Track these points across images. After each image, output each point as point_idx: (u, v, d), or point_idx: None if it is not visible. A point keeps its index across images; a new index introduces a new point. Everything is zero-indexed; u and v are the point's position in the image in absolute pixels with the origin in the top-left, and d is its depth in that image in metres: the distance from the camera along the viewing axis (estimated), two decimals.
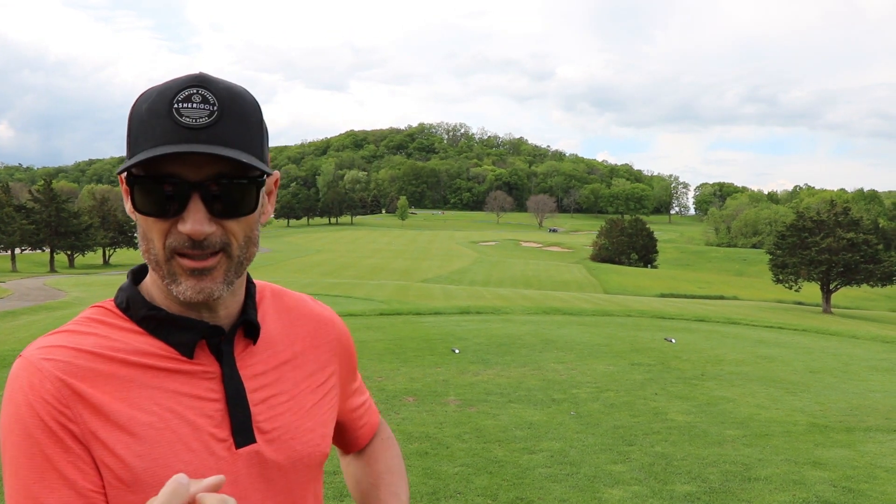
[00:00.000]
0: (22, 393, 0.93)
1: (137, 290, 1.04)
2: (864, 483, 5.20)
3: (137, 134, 0.95)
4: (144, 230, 0.97)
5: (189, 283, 0.97)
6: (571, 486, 5.06)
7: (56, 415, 0.92)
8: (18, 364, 0.95)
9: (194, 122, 0.92)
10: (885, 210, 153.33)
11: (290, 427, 1.07)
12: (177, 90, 0.94)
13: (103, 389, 0.95)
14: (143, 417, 0.95)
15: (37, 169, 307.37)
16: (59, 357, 0.94)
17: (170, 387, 0.98)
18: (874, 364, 10.72)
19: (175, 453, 0.95)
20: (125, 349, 0.98)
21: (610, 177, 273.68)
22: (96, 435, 0.93)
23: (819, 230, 48.89)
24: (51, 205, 70.41)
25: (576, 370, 9.47)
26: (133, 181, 0.95)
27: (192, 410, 0.99)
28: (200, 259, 0.96)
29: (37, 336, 9.03)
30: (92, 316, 1.03)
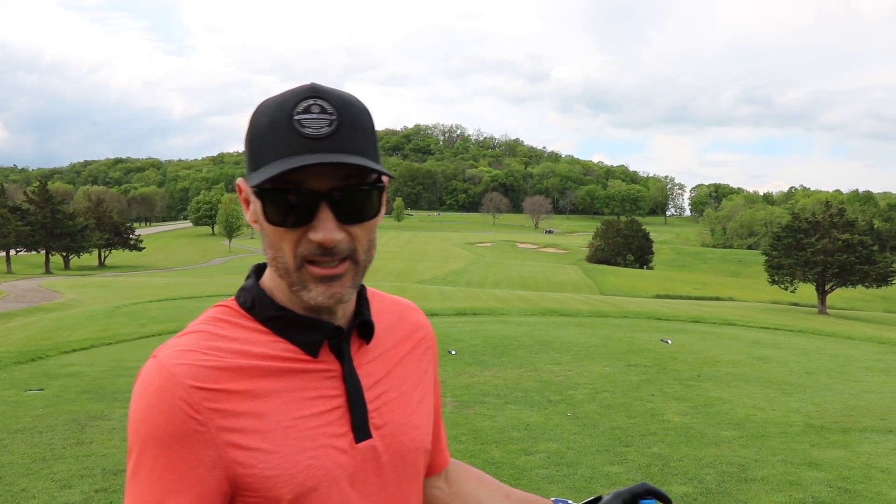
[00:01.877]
0: (154, 395, 0.95)
1: (263, 290, 1.07)
2: (859, 483, 5.21)
3: (260, 147, 0.98)
4: (273, 240, 1.00)
5: (319, 289, 1.00)
6: (568, 487, 5.06)
7: (186, 419, 0.94)
8: (151, 365, 0.98)
9: (316, 133, 0.95)
10: (881, 211, 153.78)
11: (399, 423, 1.11)
12: (295, 102, 0.96)
13: (233, 391, 0.97)
14: (272, 417, 0.98)
15: (32, 170, 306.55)
16: (190, 361, 0.97)
17: (296, 386, 1.02)
18: (869, 365, 10.74)
19: (303, 450, 0.99)
20: (253, 350, 1.01)
21: (606, 178, 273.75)
22: (227, 438, 0.95)
23: (814, 231, 48.99)
24: (46, 206, 70.26)
25: (572, 371, 9.48)
26: (263, 194, 0.97)
27: (316, 408, 1.02)
28: (331, 266, 0.99)
29: (32, 338, 9.01)
30: (217, 315, 1.05)
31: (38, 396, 7.77)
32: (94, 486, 4.91)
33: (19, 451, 5.73)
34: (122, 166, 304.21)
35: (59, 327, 17.95)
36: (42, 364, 9.93)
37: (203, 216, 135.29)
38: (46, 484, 4.96)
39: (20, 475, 5.15)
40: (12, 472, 5.20)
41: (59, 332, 16.90)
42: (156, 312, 19.03)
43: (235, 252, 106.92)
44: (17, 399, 7.65)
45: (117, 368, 9.43)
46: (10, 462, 5.44)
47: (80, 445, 5.88)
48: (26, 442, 5.98)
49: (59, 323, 18.98)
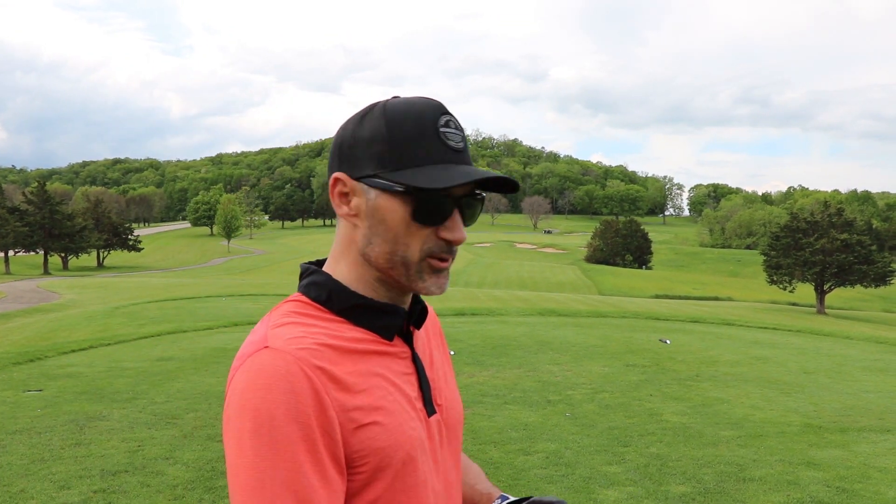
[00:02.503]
0: (284, 380, 0.97)
1: (340, 282, 1.13)
2: (857, 483, 5.22)
3: (406, 149, 1.06)
4: (399, 235, 1.07)
5: (433, 279, 1.10)
6: (567, 487, 5.07)
7: (319, 399, 0.99)
8: (270, 355, 1.00)
9: (457, 145, 1.08)
10: (879, 211, 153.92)
11: (449, 398, 1.23)
12: (436, 115, 1.08)
13: (347, 371, 1.04)
14: (378, 392, 1.06)
15: (30, 171, 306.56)
16: (307, 345, 1.02)
17: (386, 366, 1.10)
18: (868, 364, 10.75)
19: (406, 422, 1.07)
20: (343, 335, 1.08)
21: (604, 178, 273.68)
22: (347, 414, 1.01)
23: (813, 231, 49.06)
24: (44, 207, 70.22)
25: (571, 371, 9.48)
26: (417, 193, 1.05)
27: (404, 385, 1.12)
28: (447, 260, 1.11)
29: (30, 339, 8.98)
30: (294, 310, 1.10)
31: (37, 397, 7.77)
32: (92, 487, 4.91)
33: (18, 451, 5.73)
34: (121, 167, 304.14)
35: (58, 328, 17.94)
36: (41, 365, 9.93)
37: (202, 217, 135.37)
38: (45, 485, 4.96)
39: (19, 476, 5.15)
40: (11, 473, 5.20)
41: (57, 332, 16.89)
42: (155, 313, 19.03)
43: (234, 252, 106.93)
44: (15, 400, 7.65)
45: (116, 369, 9.43)
46: (8, 463, 5.44)
47: (79, 446, 5.88)
48: (25, 443, 5.98)
49: (58, 324, 18.97)
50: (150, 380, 8.71)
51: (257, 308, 20.04)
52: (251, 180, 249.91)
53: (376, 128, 1.07)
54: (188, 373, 9.18)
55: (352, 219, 1.10)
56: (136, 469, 5.31)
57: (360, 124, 1.10)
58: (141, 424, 6.59)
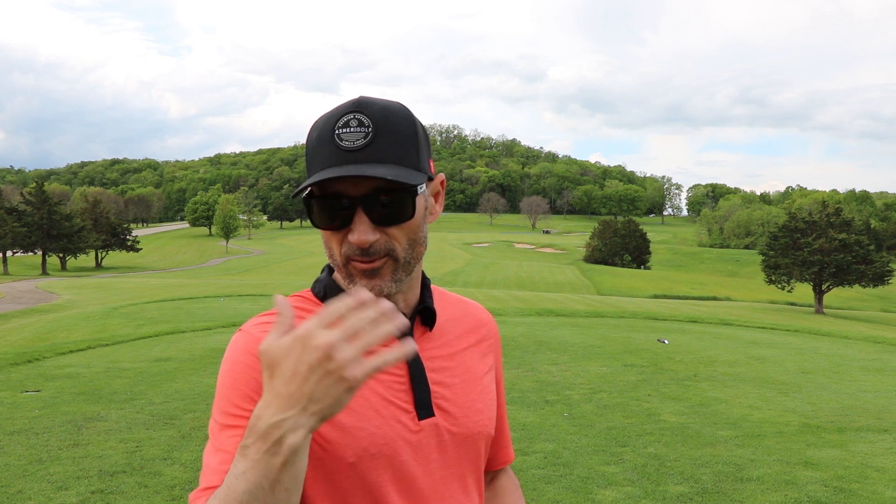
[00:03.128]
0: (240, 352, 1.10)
1: (334, 280, 1.20)
2: (855, 483, 5.22)
3: (310, 159, 1.12)
4: (325, 240, 1.14)
5: (363, 282, 1.11)
6: (565, 487, 5.07)
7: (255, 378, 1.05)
8: (238, 335, 1.13)
9: (352, 145, 1.07)
10: (877, 211, 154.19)
11: (463, 406, 1.20)
12: (338, 117, 1.09)
13: None
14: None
15: (28, 171, 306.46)
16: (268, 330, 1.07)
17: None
18: (865, 364, 10.76)
19: (368, 419, 1.09)
20: None
21: (603, 178, 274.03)
22: None
23: (811, 231, 49.10)
24: (42, 207, 70.20)
25: (569, 371, 9.49)
26: (309, 201, 1.10)
27: (381, 384, 1.13)
28: (368, 262, 1.10)
29: (29, 339, 9.01)
30: (295, 302, 1.18)
31: (35, 398, 7.77)
32: (90, 488, 4.91)
33: (15, 452, 5.73)
34: (119, 167, 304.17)
35: (56, 328, 17.93)
36: (38, 365, 9.92)
37: (200, 217, 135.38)
38: (43, 485, 4.96)
39: (16, 477, 5.14)
40: (8, 474, 5.20)
41: (55, 333, 16.88)
42: (153, 313, 19.02)
43: (233, 253, 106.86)
44: (13, 400, 7.64)
45: (114, 370, 9.43)
46: (6, 464, 5.44)
47: (77, 447, 5.88)
48: (23, 443, 5.97)
49: (56, 324, 18.96)
50: (148, 380, 8.70)
51: (255, 308, 20.02)
52: (249, 180, 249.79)
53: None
54: (186, 373, 9.17)
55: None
56: (133, 470, 5.31)
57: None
58: (139, 425, 6.58)
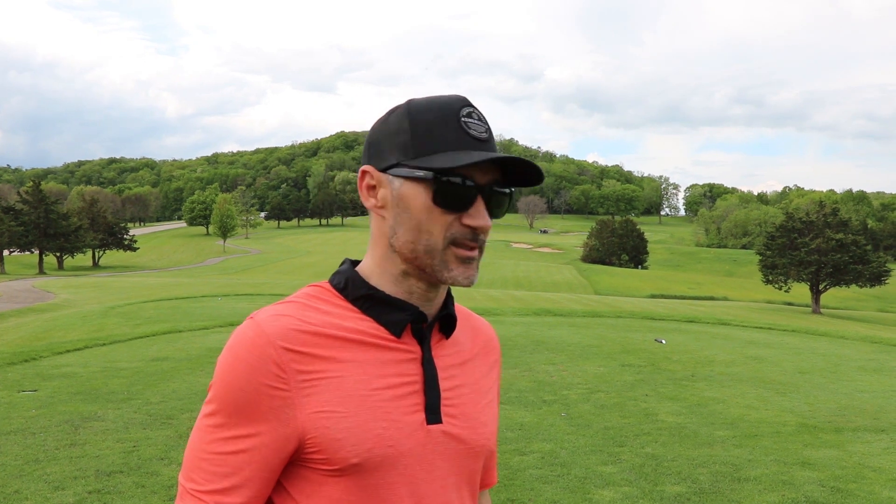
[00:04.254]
0: (245, 349, 1.04)
1: (357, 273, 1.15)
2: (852, 483, 5.23)
3: (428, 137, 1.08)
4: (422, 222, 1.08)
5: (459, 269, 1.10)
6: (562, 487, 5.07)
7: (271, 376, 1.02)
8: (247, 324, 1.07)
9: (479, 135, 1.09)
10: (874, 211, 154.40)
11: (470, 416, 1.18)
12: (459, 107, 1.10)
13: (318, 356, 1.05)
14: (351, 383, 1.06)
15: (25, 170, 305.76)
16: (284, 324, 1.05)
17: (378, 360, 1.09)
18: (863, 364, 10.78)
19: (376, 419, 1.05)
20: (342, 324, 1.09)
21: (600, 178, 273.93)
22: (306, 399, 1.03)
23: (808, 231, 49.17)
24: (40, 206, 70.03)
25: (567, 371, 9.49)
26: (440, 177, 1.06)
27: (394, 385, 1.09)
28: (473, 249, 1.10)
29: (26, 338, 8.98)
30: (311, 293, 1.14)
31: (32, 397, 7.75)
32: (87, 488, 4.90)
33: (12, 452, 5.71)
34: (116, 166, 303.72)
35: (53, 328, 17.89)
36: (35, 365, 9.90)
37: (197, 216, 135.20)
38: (39, 485, 4.95)
39: (13, 477, 5.13)
40: (5, 474, 5.19)
41: (52, 332, 16.85)
42: (150, 313, 18.99)
43: (230, 252, 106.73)
44: (10, 400, 7.62)
45: (111, 369, 9.41)
46: (2, 464, 5.42)
47: (74, 447, 5.86)
48: (19, 443, 5.96)
49: (53, 323, 18.92)
50: (145, 380, 8.69)
51: (253, 308, 19.99)
52: (247, 180, 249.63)
53: (400, 121, 1.10)
54: (183, 373, 9.16)
55: (379, 210, 1.13)
56: (131, 470, 5.29)
57: (386, 121, 1.13)
58: (136, 425, 6.57)
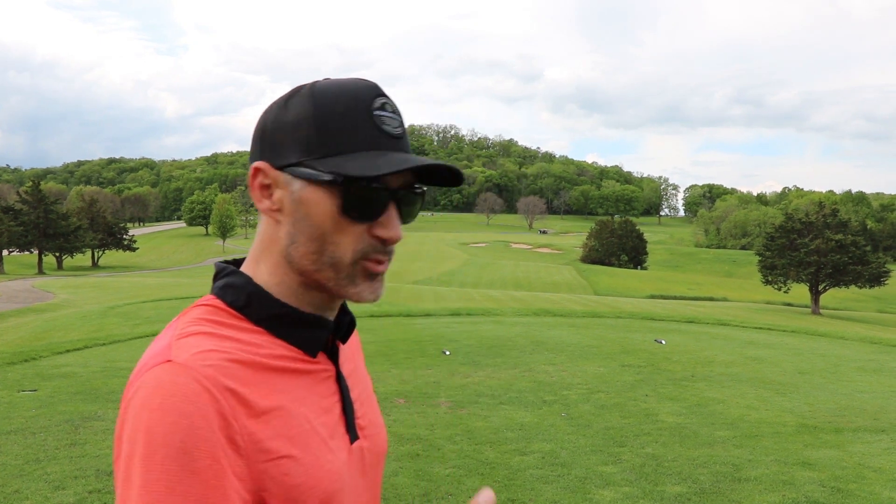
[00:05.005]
0: (181, 401, 0.84)
1: (261, 287, 0.98)
2: (852, 483, 5.23)
3: (334, 134, 0.93)
4: (328, 232, 0.94)
5: (366, 285, 0.97)
6: (563, 487, 5.07)
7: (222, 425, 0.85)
8: (171, 369, 0.86)
9: (394, 131, 0.95)
10: (873, 211, 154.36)
11: (374, 423, 1.10)
12: (371, 96, 0.95)
13: (261, 394, 0.90)
14: (295, 420, 0.93)
15: (25, 170, 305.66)
16: (217, 361, 0.88)
17: (306, 387, 0.97)
18: (862, 365, 10.78)
19: (323, 454, 0.94)
20: (260, 351, 0.93)
21: (600, 178, 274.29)
22: (258, 445, 0.88)
23: (808, 232, 49.19)
24: (39, 206, 69.99)
25: (566, 372, 9.49)
26: (348, 183, 0.92)
27: (323, 410, 0.98)
28: (383, 263, 0.98)
29: (25, 338, 8.92)
30: (205, 316, 0.95)
31: (32, 397, 7.75)
32: (87, 488, 4.89)
33: (12, 452, 5.71)
34: (116, 166, 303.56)
35: (53, 328, 17.89)
36: (35, 365, 9.90)
37: (197, 216, 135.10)
38: (40, 485, 4.95)
39: (13, 476, 5.13)
40: (5, 474, 5.19)
41: (52, 332, 16.85)
42: (149, 313, 18.99)
43: (229, 252, 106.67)
44: (10, 400, 7.62)
45: (111, 369, 9.41)
46: (3, 463, 5.42)
47: (74, 446, 5.86)
48: (19, 443, 5.96)
49: (53, 323, 18.92)
50: None
51: None
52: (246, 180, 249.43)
53: (303, 110, 0.94)
54: None
55: (274, 214, 0.97)
56: None
57: (285, 107, 0.96)
58: None
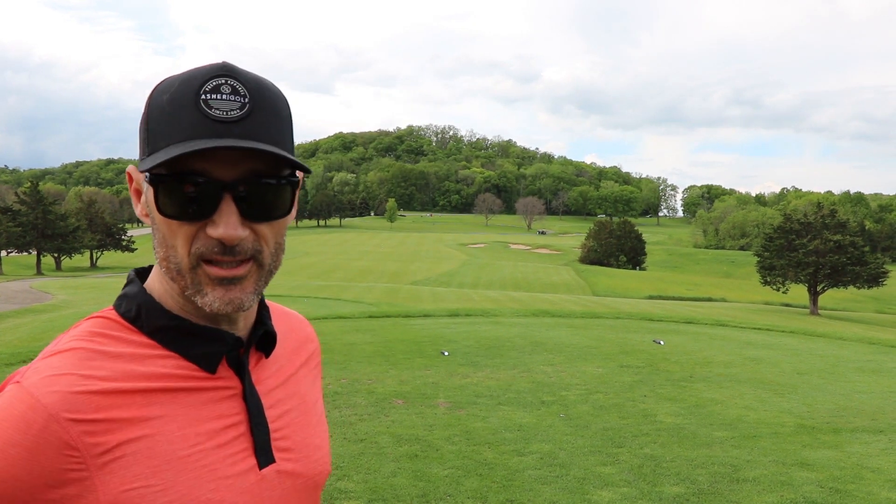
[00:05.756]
0: (18, 431, 0.79)
1: (151, 297, 0.92)
2: (850, 484, 5.23)
3: (158, 127, 0.86)
4: (165, 235, 0.88)
5: (217, 293, 0.88)
6: (561, 487, 5.07)
7: (59, 459, 0.80)
8: (14, 394, 0.81)
9: (225, 115, 0.85)
10: (871, 212, 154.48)
11: (303, 445, 1.01)
12: (203, 80, 0.86)
13: (118, 420, 0.84)
14: (164, 447, 0.85)
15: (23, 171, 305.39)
16: (64, 388, 0.82)
17: (192, 408, 0.89)
18: (860, 365, 10.79)
19: (202, 483, 0.86)
20: (140, 370, 0.88)
21: (598, 179, 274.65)
22: (109, 478, 0.82)
23: (806, 232, 49.22)
24: (37, 207, 69.94)
25: (565, 372, 9.48)
26: (157, 180, 0.85)
27: (216, 433, 0.90)
28: (230, 266, 0.88)
29: (23, 339, 8.94)
30: (94, 329, 0.90)
31: None
32: None
33: None
34: (115, 167, 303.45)
35: (51, 329, 17.87)
36: None
37: None
38: None
39: None
40: None
41: (50, 333, 16.82)
42: None
43: None
44: None
45: None
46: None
47: None
48: None
49: (51, 324, 18.90)
50: None
51: None
52: None
53: (144, 109, 0.90)
54: None
55: (145, 218, 0.92)
56: None
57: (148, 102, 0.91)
58: None
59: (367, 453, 5.73)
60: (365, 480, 5.11)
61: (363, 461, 5.53)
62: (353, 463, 5.49)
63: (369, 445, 5.94)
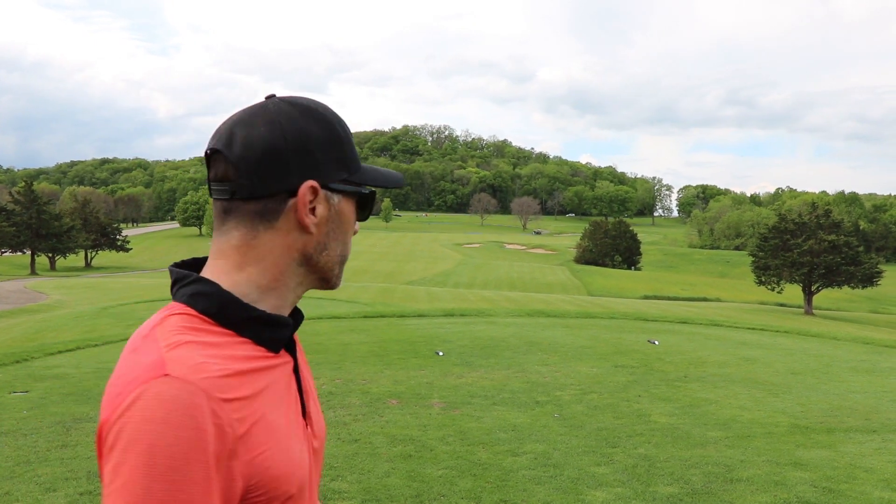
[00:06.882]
0: (185, 415, 0.89)
1: (232, 294, 1.03)
2: (843, 483, 5.25)
3: (352, 149, 1.11)
4: (348, 235, 1.13)
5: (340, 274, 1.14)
6: (555, 488, 5.07)
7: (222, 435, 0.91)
8: (172, 383, 0.90)
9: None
10: (866, 212, 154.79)
11: (317, 412, 1.18)
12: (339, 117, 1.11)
13: (245, 398, 0.96)
14: (271, 416, 1.00)
15: (17, 170, 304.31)
16: (211, 374, 0.94)
17: (275, 382, 1.04)
18: (854, 365, 10.82)
19: (295, 442, 1.03)
20: (238, 354, 1.00)
21: (594, 179, 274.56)
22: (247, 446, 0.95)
23: (801, 232, 49.39)
24: (32, 207, 69.76)
25: (559, 372, 9.49)
26: (367, 194, 1.13)
27: (291, 402, 1.07)
28: None
29: (17, 339, 8.90)
30: (185, 324, 0.99)
31: (23, 399, 7.72)
32: (78, 489, 4.88)
33: (3, 454, 5.69)
34: (109, 167, 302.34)
35: (45, 329, 17.84)
36: (27, 366, 9.86)
37: (190, 217, 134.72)
38: (30, 487, 4.93)
39: (4, 478, 5.11)
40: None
41: (44, 333, 16.79)
42: (143, 314, 18.92)
43: None
44: (1, 401, 7.59)
45: (103, 370, 9.37)
46: None
47: (65, 448, 5.84)
48: (10, 445, 5.93)
49: (45, 324, 18.86)
50: None
51: None
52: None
53: (328, 131, 1.07)
54: None
55: (317, 227, 1.06)
56: None
57: (305, 129, 1.04)
58: None
59: (362, 453, 5.73)
60: (359, 481, 5.11)
61: (357, 461, 5.53)
62: (347, 463, 5.49)
63: (363, 446, 5.95)
